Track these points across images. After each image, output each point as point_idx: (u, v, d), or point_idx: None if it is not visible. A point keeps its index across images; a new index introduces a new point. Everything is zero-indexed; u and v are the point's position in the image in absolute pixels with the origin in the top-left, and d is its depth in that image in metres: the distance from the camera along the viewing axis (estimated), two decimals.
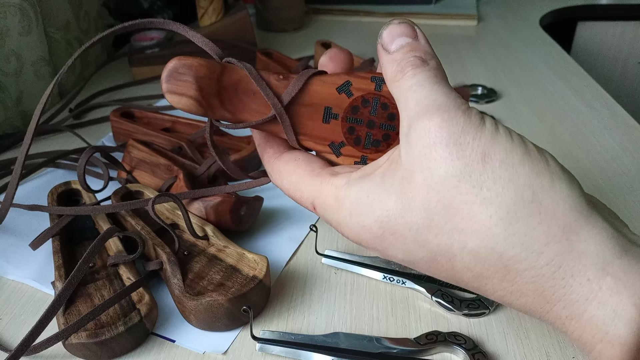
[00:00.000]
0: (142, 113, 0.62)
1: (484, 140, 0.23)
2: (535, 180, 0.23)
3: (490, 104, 0.70)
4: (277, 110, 0.28)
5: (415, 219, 0.24)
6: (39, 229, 0.45)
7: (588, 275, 0.22)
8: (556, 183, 0.23)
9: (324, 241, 0.45)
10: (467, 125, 0.23)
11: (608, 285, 0.21)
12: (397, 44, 0.26)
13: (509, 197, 0.22)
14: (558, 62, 0.83)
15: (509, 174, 0.23)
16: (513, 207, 0.22)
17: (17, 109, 0.67)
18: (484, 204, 0.23)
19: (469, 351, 0.34)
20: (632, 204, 0.49)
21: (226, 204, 0.43)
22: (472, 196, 0.23)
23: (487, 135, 0.23)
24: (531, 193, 0.22)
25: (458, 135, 0.23)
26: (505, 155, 0.23)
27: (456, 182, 0.23)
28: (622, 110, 0.66)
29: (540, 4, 1.14)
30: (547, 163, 0.24)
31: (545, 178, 0.23)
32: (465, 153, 0.23)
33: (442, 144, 0.23)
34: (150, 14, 0.97)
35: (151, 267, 0.39)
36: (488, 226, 0.23)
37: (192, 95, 0.27)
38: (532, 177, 0.23)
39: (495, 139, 0.23)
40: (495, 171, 0.23)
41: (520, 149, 0.23)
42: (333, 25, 1.08)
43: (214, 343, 0.36)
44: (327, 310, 0.39)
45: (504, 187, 0.22)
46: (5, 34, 0.63)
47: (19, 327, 0.38)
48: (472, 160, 0.23)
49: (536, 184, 0.23)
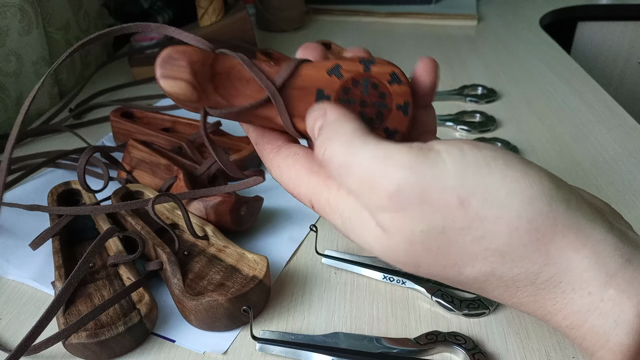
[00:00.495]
0: (142, 113, 0.62)
1: (452, 186, 0.21)
2: (529, 209, 0.21)
3: (490, 103, 0.70)
4: (270, 91, 0.28)
5: (403, 261, 0.24)
6: (39, 229, 0.45)
7: (589, 289, 0.21)
8: (554, 205, 0.22)
9: (324, 241, 0.45)
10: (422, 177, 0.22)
11: (610, 296, 0.21)
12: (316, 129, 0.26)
13: (502, 232, 0.22)
14: (558, 62, 0.83)
15: (496, 211, 0.21)
16: (508, 239, 0.22)
17: (17, 109, 0.67)
18: (475, 241, 0.22)
19: (469, 351, 0.34)
20: (632, 204, 0.49)
21: (226, 204, 0.43)
22: (460, 238, 0.22)
23: (453, 179, 0.22)
24: (527, 223, 0.21)
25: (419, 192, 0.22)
26: (486, 194, 0.21)
27: (440, 231, 0.22)
28: (622, 110, 0.66)
29: (540, 4, 1.14)
30: (541, 183, 0.22)
31: (541, 203, 0.22)
32: (438, 206, 0.22)
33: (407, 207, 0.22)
34: (150, 14, 0.97)
35: (151, 267, 0.39)
36: (483, 257, 0.22)
37: (186, 79, 0.27)
38: (525, 207, 0.21)
39: (466, 178, 0.22)
40: (479, 213, 0.22)
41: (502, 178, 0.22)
42: (333, 25, 1.08)
43: (214, 343, 0.36)
44: (327, 310, 0.39)
45: (494, 223, 0.22)
46: (5, 34, 0.63)
47: (19, 327, 0.38)
48: (449, 209, 0.22)
49: (531, 212, 0.21)
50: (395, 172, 0.22)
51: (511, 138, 0.61)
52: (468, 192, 0.22)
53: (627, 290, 0.21)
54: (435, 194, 0.22)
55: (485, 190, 0.21)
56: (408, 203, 0.22)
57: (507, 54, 0.88)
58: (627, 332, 0.21)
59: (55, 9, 0.73)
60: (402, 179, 0.22)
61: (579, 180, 0.53)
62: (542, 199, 0.22)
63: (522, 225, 0.21)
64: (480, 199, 0.21)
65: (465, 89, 0.73)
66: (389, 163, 0.22)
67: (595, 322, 0.22)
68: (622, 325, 0.21)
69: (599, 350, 0.22)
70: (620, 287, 0.21)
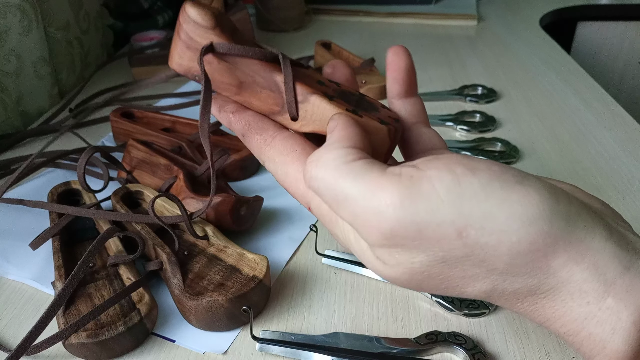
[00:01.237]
0: (142, 113, 0.62)
1: (448, 218, 0.21)
2: (530, 230, 0.21)
3: (490, 104, 0.70)
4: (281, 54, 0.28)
5: (405, 285, 0.24)
6: (38, 229, 0.45)
7: (588, 299, 0.22)
8: (554, 223, 0.21)
9: (324, 241, 0.45)
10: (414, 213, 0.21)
11: (608, 305, 0.21)
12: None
13: (503, 255, 0.21)
14: (558, 62, 0.83)
15: (496, 237, 0.21)
16: (510, 261, 0.22)
17: (17, 109, 0.67)
18: (476, 266, 0.22)
19: (469, 351, 0.34)
20: (632, 204, 0.49)
21: (226, 204, 0.43)
22: (461, 264, 0.22)
23: (448, 210, 0.21)
24: (528, 244, 0.21)
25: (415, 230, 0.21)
26: (484, 222, 0.21)
27: (439, 262, 0.22)
28: (622, 110, 0.66)
29: (540, 4, 1.14)
30: (540, 202, 0.21)
31: (542, 222, 0.21)
32: (436, 239, 0.21)
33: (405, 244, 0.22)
34: (150, 14, 0.97)
35: (151, 267, 0.39)
36: (485, 277, 0.23)
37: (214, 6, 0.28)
38: (526, 229, 0.21)
39: (462, 207, 0.21)
40: (479, 241, 0.21)
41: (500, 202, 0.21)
42: (333, 25, 1.08)
43: (214, 343, 0.36)
44: (327, 310, 0.39)
45: (495, 248, 0.21)
46: (5, 34, 0.63)
47: (19, 327, 0.38)
48: (448, 240, 0.21)
49: (532, 233, 0.21)
50: (387, 212, 0.21)
51: (511, 138, 0.61)
52: (465, 222, 0.21)
53: (624, 298, 0.21)
54: (431, 230, 0.21)
55: (483, 217, 0.21)
56: (404, 242, 0.22)
57: (507, 54, 0.88)
58: (624, 340, 0.21)
59: (55, 9, 0.73)
60: (395, 220, 0.21)
61: (579, 180, 0.53)
62: (543, 219, 0.21)
63: (523, 247, 0.21)
64: (479, 228, 0.21)
65: (465, 89, 0.73)
66: (380, 200, 0.21)
67: (593, 330, 0.22)
68: (619, 332, 0.21)
69: (596, 356, 0.22)
70: (618, 296, 0.21)
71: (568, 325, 0.22)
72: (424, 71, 0.82)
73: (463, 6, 1.10)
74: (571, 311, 0.22)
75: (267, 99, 0.29)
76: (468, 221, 0.21)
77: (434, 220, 0.21)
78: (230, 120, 0.29)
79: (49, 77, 0.72)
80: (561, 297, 0.22)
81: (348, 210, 0.23)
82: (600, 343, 0.22)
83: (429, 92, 0.73)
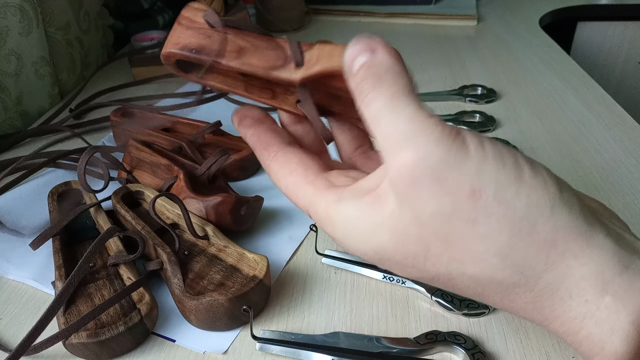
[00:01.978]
0: (142, 113, 0.62)
1: (468, 174, 0.21)
2: (532, 211, 0.22)
3: (490, 104, 0.70)
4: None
5: (411, 251, 0.24)
6: (39, 229, 0.45)
7: (586, 297, 0.22)
8: (556, 210, 0.22)
9: (324, 241, 0.45)
10: (445, 157, 0.21)
11: (606, 304, 0.21)
12: (357, 64, 0.24)
13: (505, 232, 0.22)
14: (558, 62, 0.83)
15: (503, 209, 0.22)
16: (510, 241, 0.22)
17: (17, 109, 0.67)
18: (479, 239, 0.22)
19: (468, 351, 0.34)
20: (632, 204, 0.49)
21: (226, 204, 0.43)
22: (466, 231, 0.22)
23: (472, 168, 0.22)
24: (529, 226, 0.22)
25: (438, 170, 0.22)
26: (497, 190, 0.21)
27: (447, 218, 0.22)
28: (622, 111, 0.66)
29: (540, 4, 1.14)
30: (545, 186, 0.22)
31: (544, 207, 0.22)
32: (450, 189, 0.22)
33: (422, 181, 0.22)
34: (150, 14, 0.97)
35: (151, 267, 0.39)
36: (485, 258, 0.22)
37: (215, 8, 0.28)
38: (529, 209, 0.22)
39: (483, 170, 0.22)
40: (487, 208, 0.22)
41: (513, 176, 0.22)
42: (333, 25, 1.08)
43: (214, 343, 0.36)
44: (327, 310, 0.39)
45: (498, 221, 0.22)
46: (5, 34, 0.63)
47: (19, 327, 0.38)
48: (460, 197, 0.22)
49: (535, 215, 0.22)
50: (423, 142, 0.22)
51: (511, 138, 0.61)
52: (481, 184, 0.22)
53: (622, 297, 0.21)
54: (450, 178, 0.22)
55: (497, 185, 0.22)
56: (423, 177, 0.22)
57: (507, 54, 0.88)
58: (622, 340, 0.21)
59: (55, 9, 0.73)
60: (427, 151, 0.22)
61: (579, 180, 0.53)
62: (546, 203, 0.22)
63: (524, 227, 0.22)
64: (491, 193, 0.21)
65: (465, 89, 0.73)
66: (421, 131, 0.22)
67: (592, 330, 0.22)
68: (618, 333, 0.21)
69: (595, 356, 0.22)
70: (617, 295, 0.21)
71: (567, 325, 0.22)
72: (423, 71, 0.82)
73: (463, 6, 1.10)
74: (570, 310, 0.22)
75: (268, 56, 0.29)
76: (484, 184, 0.21)
77: (457, 169, 0.22)
78: (247, 134, 0.31)
79: (49, 77, 0.72)
80: (559, 295, 0.22)
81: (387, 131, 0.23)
82: (600, 343, 0.22)
83: (429, 92, 0.73)
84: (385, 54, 0.24)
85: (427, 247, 0.23)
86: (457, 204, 0.22)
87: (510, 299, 0.23)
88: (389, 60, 0.24)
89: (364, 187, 0.26)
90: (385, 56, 0.24)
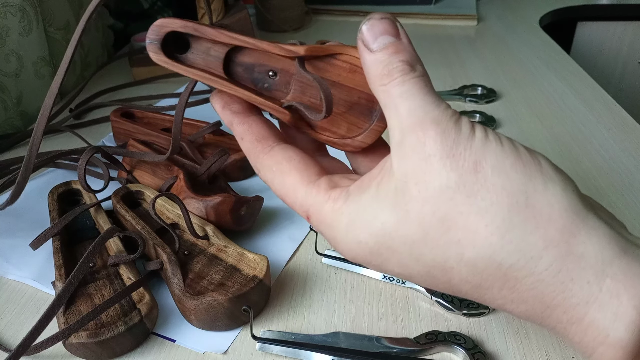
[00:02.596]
0: (142, 113, 0.62)
1: (474, 149, 0.23)
2: (528, 184, 0.22)
3: (490, 104, 0.70)
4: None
5: (410, 232, 0.24)
6: (38, 229, 0.45)
7: (588, 278, 0.22)
8: (549, 185, 0.23)
9: (324, 241, 0.45)
10: (459, 137, 0.23)
11: (608, 287, 0.21)
12: (380, 43, 0.25)
13: (503, 204, 0.22)
14: (558, 62, 0.83)
15: (502, 180, 0.22)
16: (508, 214, 0.22)
17: (17, 109, 0.67)
18: (479, 213, 0.22)
19: (468, 351, 0.34)
20: (632, 204, 0.49)
21: (226, 204, 0.43)
22: (467, 206, 0.23)
23: (477, 144, 0.23)
24: (525, 198, 0.22)
25: (451, 147, 0.23)
26: (497, 162, 0.23)
27: (451, 193, 0.23)
28: (622, 110, 0.66)
29: (540, 4, 1.14)
30: (540, 166, 0.23)
31: (538, 181, 0.23)
32: (458, 164, 0.23)
33: (437, 156, 0.23)
34: (150, 14, 0.97)
35: (151, 267, 0.39)
36: (485, 235, 0.22)
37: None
38: (524, 181, 0.23)
39: (486, 146, 0.23)
40: (488, 179, 0.23)
41: (511, 153, 0.23)
42: (333, 25, 1.08)
43: (214, 343, 0.36)
44: (327, 310, 0.39)
45: (497, 194, 0.22)
46: (5, 34, 0.63)
47: (19, 327, 0.38)
48: (465, 170, 0.23)
49: (529, 188, 0.22)
50: (445, 122, 0.23)
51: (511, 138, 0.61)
52: (483, 156, 0.23)
53: (623, 280, 0.21)
54: (458, 154, 0.23)
55: (496, 157, 0.23)
56: (437, 152, 0.23)
57: (507, 54, 0.88)
58: (626, 326, 0.21)
59: (55, 9, 0.73)
60: (447, 129, 0.23)
61: (579, 180, 0.53)
62: (540, 178, 0.23)
63: (521, 200, 0.22)
64: (490, 166, 0.23)
65: (465, 89, 0.73)
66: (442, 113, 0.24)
67: (595, 315, 0.22)
68: (621, 318, 0.21)
69: (599, 346, 0.22)
70: (617, 277, 0.21)
71: (570, 312, 0.22)
72: None
73: (463, 6, 1.10)
74: (572, 295, 0.22)
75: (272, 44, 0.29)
76: (484, 157, 0.23)
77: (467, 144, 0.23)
78: (232, 120, 0.29)
79: (49, 77, 0.72)
80: (560, 278, 0.22)
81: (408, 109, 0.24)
82: (604, 331, 0.21)
83: None
84: (410, 43, 0.26)
85: (425, 229, 0.23)
86: (462, 177, 0.23)
87: (510, 285, 0.23)
88: (414, 52, 0.25)
89: (370, 176, 0.26)
90: (411, 47, 0.26)
